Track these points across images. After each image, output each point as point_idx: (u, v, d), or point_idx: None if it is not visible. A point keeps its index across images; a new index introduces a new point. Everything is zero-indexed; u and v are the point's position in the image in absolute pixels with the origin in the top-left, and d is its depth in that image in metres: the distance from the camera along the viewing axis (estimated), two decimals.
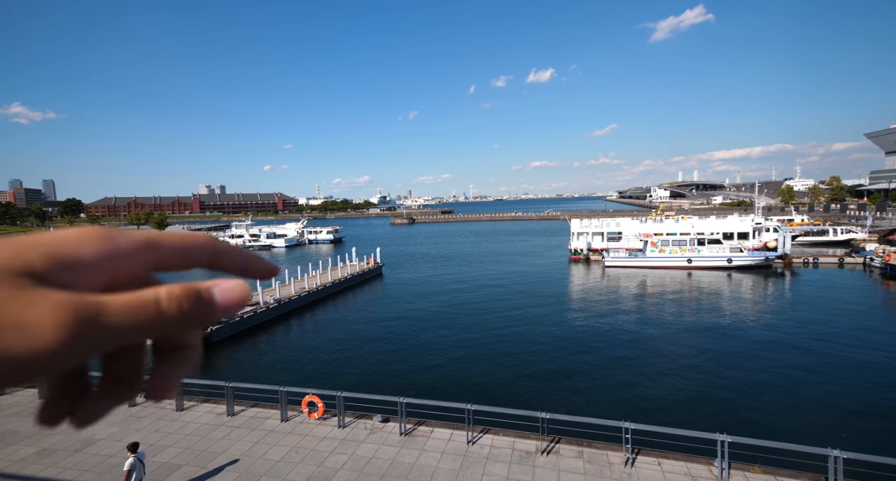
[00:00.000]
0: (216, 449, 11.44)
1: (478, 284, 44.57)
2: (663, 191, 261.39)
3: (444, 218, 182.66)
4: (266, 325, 30.69)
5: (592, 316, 31.27)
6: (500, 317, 31.64)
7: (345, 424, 12.53)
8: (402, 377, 21.45)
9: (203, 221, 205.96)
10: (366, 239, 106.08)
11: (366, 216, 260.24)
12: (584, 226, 61.39)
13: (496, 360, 23.03)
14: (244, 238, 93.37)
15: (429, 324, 30.55)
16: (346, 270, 46.36)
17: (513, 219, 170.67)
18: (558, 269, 52.77)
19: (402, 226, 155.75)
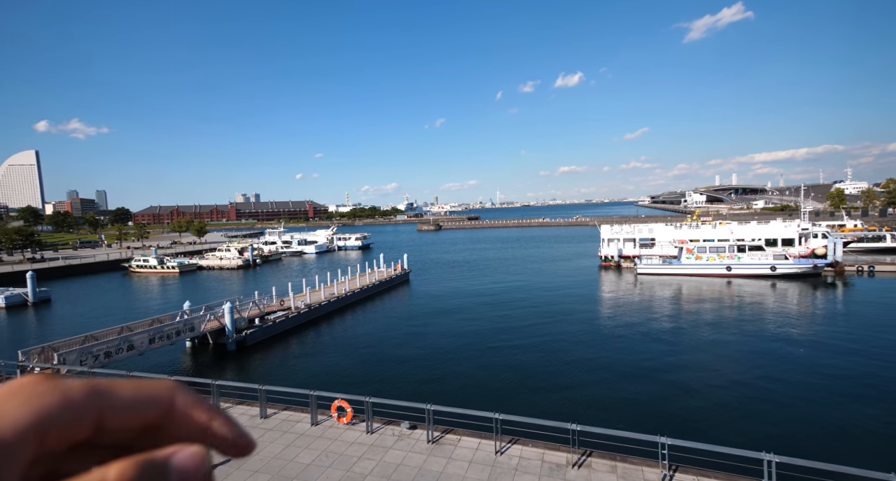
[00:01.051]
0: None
1: (505, 291, 44.12)
2: (699, 196, 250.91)
3: (470, 224, 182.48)
4: (297, 330, 31.52)
5: (624, 324, 30.25)
6: (528, 324, 31.15)
7: (373, 430, 12.64)
8: (429, 384, 21.43)
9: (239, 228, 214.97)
10: (393, 245, 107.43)
11: (393, 223, 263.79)
12: (615, 232, 59.75)
13: (523, 369, 22.63)
14: (277, 244, 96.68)
15: (455, 331, 30.46)
16: (374, 276, 47.06)
17: (540, 225, 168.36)
18: (588, 276, 51.50)
19: (428, 233, 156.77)
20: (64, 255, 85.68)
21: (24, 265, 67.85)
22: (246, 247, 79.31)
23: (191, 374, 23.30)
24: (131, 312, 40.17)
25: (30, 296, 45.93)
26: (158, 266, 68.65)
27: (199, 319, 26.79)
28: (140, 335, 22.99)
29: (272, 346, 28.11)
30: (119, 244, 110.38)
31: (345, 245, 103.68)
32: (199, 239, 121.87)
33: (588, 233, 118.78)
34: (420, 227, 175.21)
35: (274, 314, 31.40)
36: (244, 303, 30.40)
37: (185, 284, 58.27)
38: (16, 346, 27.19)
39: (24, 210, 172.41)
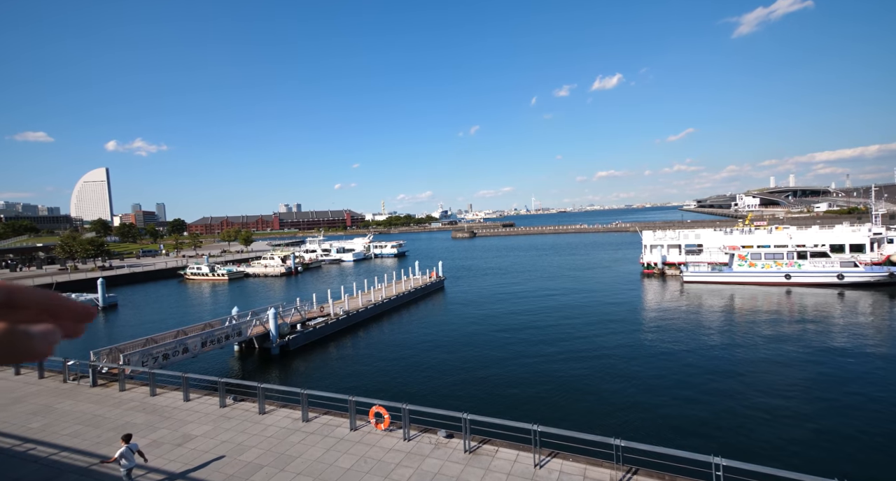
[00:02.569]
0: (293, 453, 12.17)
1: (541, 299, 43.18)
2: (752, 199, 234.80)
3: (505, 231, 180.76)
4: (336, 336, 32.39)
5: (670, 336, 28.67)
6: (566, 334, 30.26)
7: (410, 437, 12.67)
8: (465, 392, 21.25)
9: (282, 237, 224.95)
10: (428, 253, 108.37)
11: (428, 230, 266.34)
12: (658, 238, 57.07)
13: (562, 381, 21.95)
14: (317, 252, 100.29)
15: (491, 339, 30.11)
16: (410, 284, 47.58)
17: (577, 231, 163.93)
18: (629, 285, 49.40)
19: (463, 240, 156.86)
20: (129, 264, 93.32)
21: (96, 273, 74.49)
22: (288, 255, 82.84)
23: (239, 377, 24.49)
24: (186, 317, 42.93)
25: (100, 300, 50.28)
26: (210, 273, 73.11)
27: (246, 324, 28.18)
28: (193, 339, 24.49)
29: (313, 351, 29.02)
30: (176, 253, 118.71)
31: (381, 253, 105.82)
32: (245, 247, 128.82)
33: (628, 240, 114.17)
34: (454, 235, 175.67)
35: (314, 320, 32.45)
36: (287, 310, 31.67)
37: (233, 291, 61.61)
38: (88, 347, 29.77)
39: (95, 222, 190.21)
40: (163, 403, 16.23)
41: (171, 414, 15.25)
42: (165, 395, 17.00)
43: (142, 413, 15.43)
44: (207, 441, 13.13)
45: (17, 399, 17.25)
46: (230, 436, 13.35)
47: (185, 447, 12.80)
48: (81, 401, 16.71)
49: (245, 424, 14.18)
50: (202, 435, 13.48)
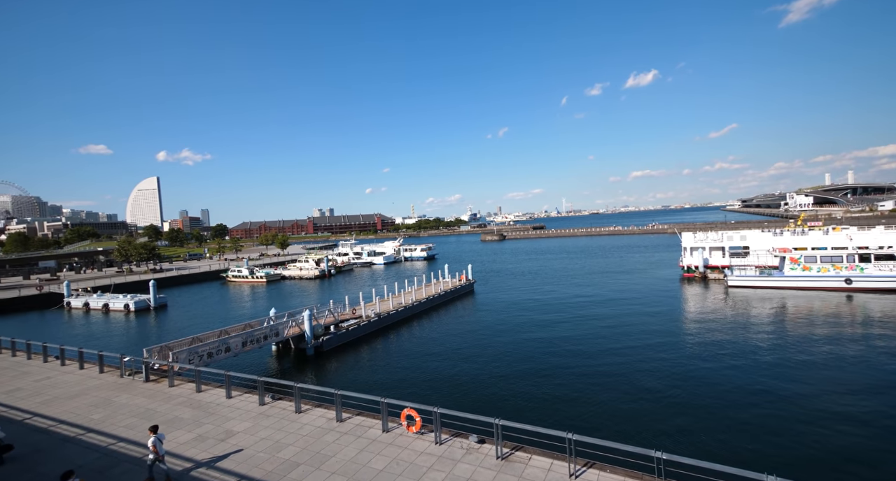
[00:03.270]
0: (328, 452, 12.45)
1: (574, 304, 42.12)
2: (804, 198, 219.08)
3: (535, 234, 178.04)
4: (368, 338, 32.96)
5: (714, 344, 27.15)
6: (601, 341, 29.34)
7: (441, 441, 12.65)
8: (495, 397, 21.01)
9: (315, 241, 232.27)
10: (457, 256, 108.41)
11: (457, 233, 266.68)
12: (699, 240, 54.36)
13: (597, 389, 21.26)
14: (349, 255, 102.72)
15: (521, 344, 29.65)
16: (440, 287, 47.76)
17: (611, 233, 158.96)
18: (667, 289, 47.29)
19: (492, 243, 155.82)
20: (177, 266, 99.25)
21: (148, 275, 79.72)
22: (322, 258, 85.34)
23: (276, 376, 25.39)
24: (227, 317, 45.08)
25: (151, 301, 53.73)
26: (249, 276, 76.50)
27: (283, 325, 29.21)
28: (235, 338, 25.65)
29: (345, 352, 29.66)
30: (219, 256, 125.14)
31: (411, 256, 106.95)
32: (282, 251, 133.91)
33: (666, 242, 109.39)
34: (484, 238, 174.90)
35: (347, 322, 33.18)
36: (321, 311, 32.58)
37: (270, 292, 64.12)
38: (141, 344, 31.87)
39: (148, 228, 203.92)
40: (207, 399, 17.06)
41: (215, 410, 16.00)
42: (210, 392, 17.86)
43: (188, 408, 16.29)
44: (248, 437, 13.66)
45: (81, 392, 18.67)
46: (269, 434, 13.84)
47: (227, 442, 13.39)
48: (136, 396, 17.86)
49: (282, 422, 14.65)
50: (243, 432, 14.05)
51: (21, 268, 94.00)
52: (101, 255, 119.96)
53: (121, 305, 53.09)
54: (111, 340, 38.05)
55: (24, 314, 54.44)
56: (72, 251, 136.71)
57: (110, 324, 46.62)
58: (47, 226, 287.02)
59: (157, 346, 22.90)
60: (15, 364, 23.71)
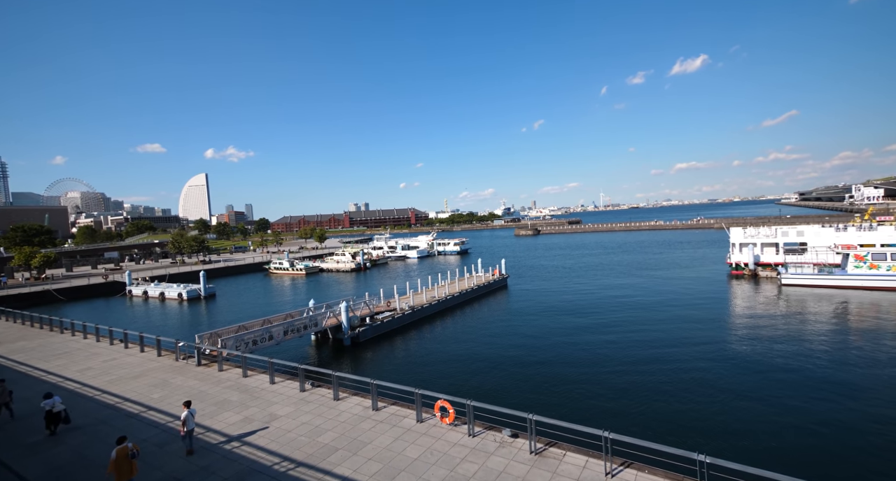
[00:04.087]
0: (364, 439, 12.89)
1: (611, 301, 40.87)
2: (873, 190, 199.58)
3: (571, 229, 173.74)
4: (402, 330, 33.60)
5: (766, 347, 25.52)
6: (640, 339, 28.34)
7: (475, 433, 12.75)
8: (528, 392, 20.87)
9: (351, 235, 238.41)
10: (490, 250, 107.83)
11: (490, 228, 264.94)
12: (750, 236, 51.01)
13: (634, 388, 20.60)
14: (384, 249, 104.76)
15: (556, 340, 29.19)
16: (473, 281, 47.77)
17: (652, 228, 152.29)
18: (713, 287, 44.82)
19: (526, 238, 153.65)
20: (224, 258, 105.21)
21: (198, 266, 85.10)
22: (357, 252, 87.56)
23: (315, 364, 26.46)
24: (270, 307, 47.38)
25: (202, 290, 57.36)
26: (290, 268, 79.85)
27: (321, 316, 30.33)
28: (277, 327, 26.95)
29: (380, 344, 30.41)
30: (261, 249, 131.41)
31: (444, 250, 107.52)
32: (320, 244, 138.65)
33: (712, 238, 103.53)
34: (517, 232, 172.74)
35: (382, 314, 33.96)
36: (357, 303, 33.53)
37: (309, 284, 66.66)
38: (193, 331, 34.18)
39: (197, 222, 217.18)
40: (252, 384, 18.09)
41: (260, 394, 16.94)
42: (255, 377, 18.92)
43: (236, 391, 17.34)
44: (290, 421, 14.38)
45: (143, 373, 20.33)
46: (309, 419, 14.49)
47: (271, 425, 14.16)
48: (189, 378, 19.22)
49: (321, 409, 15.29)
50: (285, 416, 14.80)
51: (89, 258, 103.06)
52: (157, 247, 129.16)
53: (175, 294, 57.04)
54: (167, 326, 41.05)
55: (93, 300, 59.75)
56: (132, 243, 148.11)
57: (166, 310, 50.26)
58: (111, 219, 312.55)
59: (207, 333, 24.47)
60: (86, 346, 26.14)
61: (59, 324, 31.15)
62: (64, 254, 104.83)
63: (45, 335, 29.77)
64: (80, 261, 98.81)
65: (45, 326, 32.45)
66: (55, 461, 12.63)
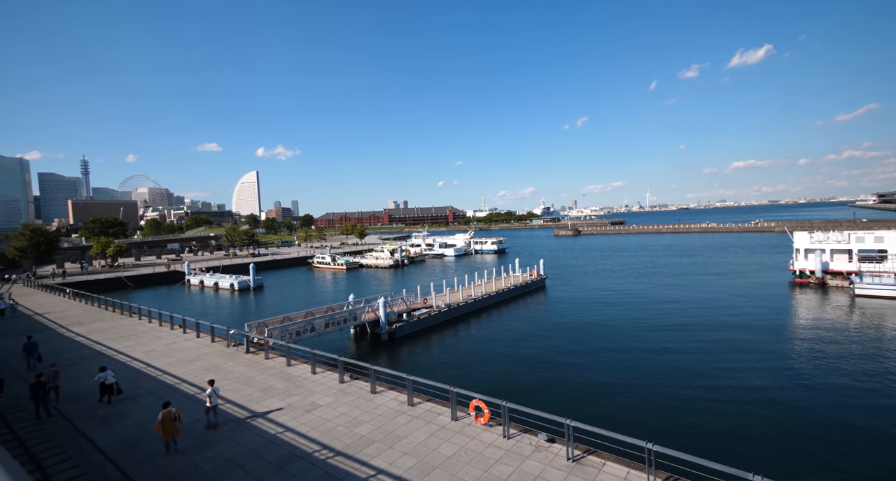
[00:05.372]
0: (400, 433, 13.11)
1: (656, 306, 38.90)
2: None
3: (614, 229, 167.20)
4: (438, 327, 33.84)
5: (836, 363, 23.26)
6: (688, 349, 26.77)
7: (509, 435, 12.60)
8: (565, 396, 20.33)
9: (390, 232, 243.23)
10: (528, 250, 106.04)
11: (529, 227, 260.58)
12: (818, 241, 46.66)
13: (682, 400, 19.48)
14: (421, 247, 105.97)
15: (595, 344, 28.21)
16: (510, 281, 47.20)
17: (703, 230, 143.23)
18: (773, 295, 41.44)
19: (566, 238, 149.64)
20: (271, 252, 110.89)
21: (248, 259, 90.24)
22: (396, 249, 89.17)
23: (354, 357, 27.27)
24: (312, 300, 49.38)
25: (251, 282, 60.81)
26: (332, 263, 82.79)
27: (360, 310, 31.18)
28: (319, 320, 28.02)
29: (417, 340, 30.80)
30: (306, 244, 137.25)
31: (481, 249, 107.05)
32: (360, 240, 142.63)
33: (772, 242, 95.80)
34: (557, 232, 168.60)
35: (419, 311, 34.37)
36: (394, 299, 34.15)
37: (349, 279, 68.76)
38: (242, 319, 36.31)
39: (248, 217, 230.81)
40: (295, 373, 18.93)
41: (302, 383, 17.70)
42: (298, 367, 19.79)
43: (280, 379, 18.23)
44: (329, 411, 14.91)
45: (198, 357, 21.87)
46: (347, 410, 14.95)
47: (312, 414, 14.75)
48: (239, 364, 20.43)
49: (359, 401, 15.72)
50: (325, 406, 15.37)
51: (154, 248, 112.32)
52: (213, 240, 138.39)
53: (227, 284, 60.87)
54: (219, 314, 43.91)
55: (157, 287, 65.07)
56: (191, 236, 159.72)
57: (219, 299, 53.76)
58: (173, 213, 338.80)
59: (255, 322, 25.89)
60: (151, 329, 28.50)
61: (129, 309, 34.20)
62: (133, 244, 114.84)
63: (117, 318, 32.79)
64: (147, 252, 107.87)
65: (116, 310, 35.74)
66: (123, 432, 13.87)
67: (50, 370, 16.73)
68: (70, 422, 14.76)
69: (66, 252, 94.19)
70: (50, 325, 30.77)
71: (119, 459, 12.20)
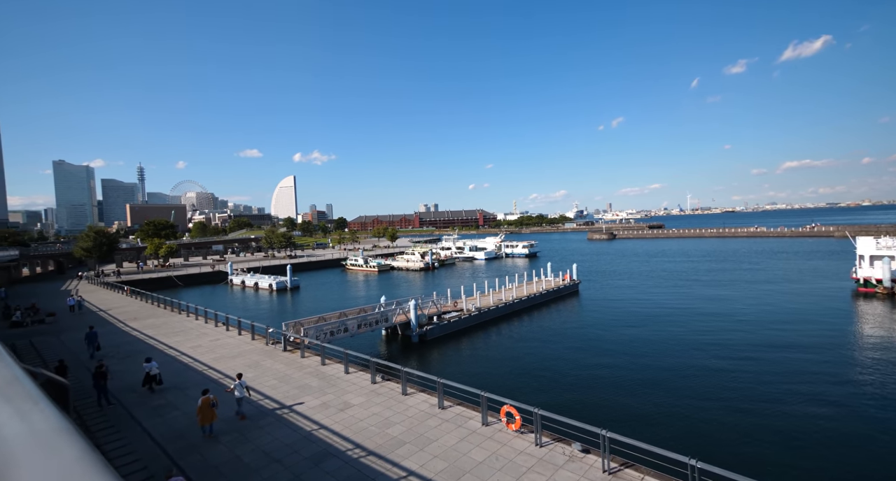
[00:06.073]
0: (431, 436, 13.15)
1: (699, 315, 36.95)
2: None
3: (651, 233, 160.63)
4: (468, 330, 33.72)
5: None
6: (736, 364, 25.24)
7: (542, 443, 12.33)
8: (600, 406, 19.67)
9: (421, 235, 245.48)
10: (561, 254, 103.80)
11: (561, 231, 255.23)
12: (885, 247, 42.79)
13: (728, 414, 18.37)
14: (451, 250, 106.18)
15: (632, 353, 27.14)
16: (542, 285, 46.36)
17: (751, 235, 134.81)
18: (833, 306, 38.30)
19: (600, 242, 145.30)
20: (307, 254, 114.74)
21: (286, 260, 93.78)
22: (426, 251, 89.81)
23: (385, 359, 27.65)
24: (345, 301, 50.57)
25: (288, 282, 63.14)
26: (364, 265, 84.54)
27: (392, 312, 31.61)
28: (352, 321, 28.66)
29: (447, 343, 30.82)
30: (340, 246, 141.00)
31: (512, 252, 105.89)
32: (391, 243, 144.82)
33: (831, 248, 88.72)
34: (591, 236, 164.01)
35: (449, 314, 34.41)
36: (425, 302, 34.37)
37: (381, 281, 69.93)
38: (280, 318, 37.73)
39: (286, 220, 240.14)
40: (329, 372, 19.43)
41: (336, 382, 18.14)
42: (332, 366, 20.31)
43: (315, 378, 18.77)
44: (361, 411, 15.19)
45: (240, 353, 22.93)
46: (379, 410, 15.17)
47: (345, 413, 15.08)
48: (277, 362, 21.24)
49: (390, 402, 15.91)
50: (358, 405, 15.66)
51: (201, 249, 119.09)
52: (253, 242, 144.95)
53: (266, 284, 63.51)
54: (259, 312, 45.85)
55: (202, 286, 68.88)
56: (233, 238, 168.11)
57: (258, 299, 56.18)
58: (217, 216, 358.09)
59: (292, 322, 26.82)
60: (198, 326, 30.18)
61: (178, 306, 36.40)
62: (182, 245, 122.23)
63: (168, 314, 34.98)
64: (194, 252, 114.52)
65: (167, 307, 38.14)
66: (173, 423, 14.75)
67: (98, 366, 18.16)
68: (127, 410, 15.87)
69: (124, 252, 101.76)
70: (110, 320, 33.26)
71: (169, 447, 12.97)
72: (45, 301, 43.84)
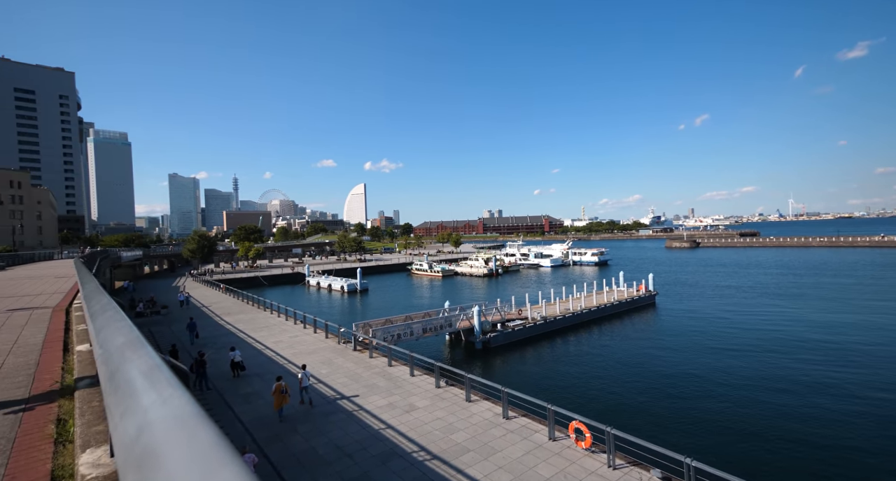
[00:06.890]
0: (495, 446, 12.95)
1: (799, 334, 32.22)
2: None
3: (742, 242, 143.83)
4: (533, 340, 32.80)
5: None
6: (848, 393, 21.55)
7: (615, 465, 11.52)
8: (678, 430, 17.92)
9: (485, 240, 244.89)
10: (635, 263, 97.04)
11: (635, 238, 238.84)
12: None
13: (835, 448, 15.68)
14: (516, 256, 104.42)
15: (717, 374, 24.41)
16: (613, 295, 43.68)
17: (874, 244, 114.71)
18: None
19: (680, 251, 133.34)
20: (375, 258, 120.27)
21: (356, 264, 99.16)
22: (490, 258, 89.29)
23: (449, 364, 27.87)
24: (410, 305, 52.00)
25: (358, 285, 66.63)
26: (428, 270, 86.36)
27: (456, 318, 31.84)
28: (417, 324, 29.37)
29: (511, 351, 30.25)
30: (406, 251, 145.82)
31: (580, 260, 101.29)
32: (455, 249, 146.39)
33: None
34: (670, 244, 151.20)
35: (513, 322, 33.79)
36: (488, 309, 34.12)
37: (445, 286, 70.85)
38: (351, 319, 39.88)
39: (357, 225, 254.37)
40: (396, 374, 20.06)
41: (401, 384, 18.67)
42: (398, 368, 20.95)
43: (382, 378, 19.50)
44: (426, 414, 15.44)
45: (315, 350, 24.63)
46: (442, 415, 15.30)
47: (410, 414, 15.44)
48: (347, 360, 22.44)
49: (454, 407, 15.97)
50: (422, 408, 15.95)
51: (283, 252, 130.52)
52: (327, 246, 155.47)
53: (338, 286, 67.61)
54: (332, 312, 48.90)
55: (283, 287, 75.32)
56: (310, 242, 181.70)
57: (331, 299, 59.97)
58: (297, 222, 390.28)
59: (361, 323, 28.19)
60: (279, 323, 33.01)
61: (263, 304, 40.16)
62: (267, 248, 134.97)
63: (255, 311, 38.74)
64: (277, 255, 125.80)
65: (254, 304, 42.25)
66: (259, 410, 16.23)
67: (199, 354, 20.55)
68: (221, 396, 17.79)
69: (221, 254, 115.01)
70: (210, 314, 37.69)
71: (257, 434, 14.28)
72: (160, 295, 50.96)
